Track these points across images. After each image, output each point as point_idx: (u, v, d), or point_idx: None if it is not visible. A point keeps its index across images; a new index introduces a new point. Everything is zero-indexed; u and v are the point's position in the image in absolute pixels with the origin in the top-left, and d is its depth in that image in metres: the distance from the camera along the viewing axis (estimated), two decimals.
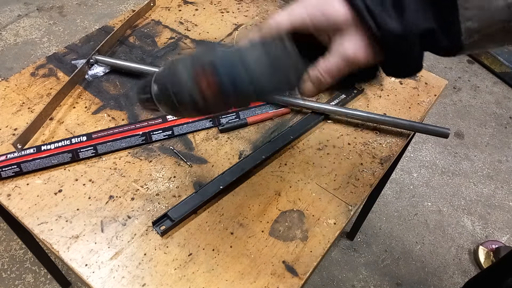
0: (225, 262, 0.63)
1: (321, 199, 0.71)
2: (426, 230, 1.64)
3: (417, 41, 0.36)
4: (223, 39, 1.00)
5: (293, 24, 0.38)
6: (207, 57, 0.39)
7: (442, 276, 1.52)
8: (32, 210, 0.66)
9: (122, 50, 0.95)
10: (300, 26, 0.38)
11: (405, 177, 1.80)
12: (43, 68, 0.89)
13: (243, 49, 0.39)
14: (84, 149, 0.72)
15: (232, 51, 0.39)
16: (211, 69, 0.38)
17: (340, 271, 1.51)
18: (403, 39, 0.35)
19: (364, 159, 0.78)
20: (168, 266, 0.62)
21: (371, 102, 0.89)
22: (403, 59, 0.37)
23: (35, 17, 2.39)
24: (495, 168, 1.87)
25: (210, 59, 0.38)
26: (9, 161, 0.69)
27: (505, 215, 1.71)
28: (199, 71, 0.38)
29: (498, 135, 2.01)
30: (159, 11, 1.06)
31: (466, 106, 2.14)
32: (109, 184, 0.70)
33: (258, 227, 0.67)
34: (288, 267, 0.63)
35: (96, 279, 0.60)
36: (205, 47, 0.38)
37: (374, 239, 1.60)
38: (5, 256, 1.46)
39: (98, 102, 0.83)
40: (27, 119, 0.79)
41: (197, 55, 0.40)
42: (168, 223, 0.65)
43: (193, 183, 0.72)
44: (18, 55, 2.17)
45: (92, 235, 0.64)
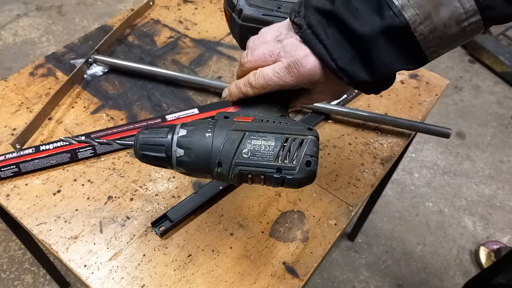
0: (225, 263, 0.62)
1: (322, 199, 0.71)
2: (427, 230, 1.63)
3: (388, 79, 0.43)
4: (222, 38, 0.99)
5: (283, 87, 0.44)
6: (254, 168, 0.43)
7: (443, 277, 1.51)
8: (31, 211, 0.66)
9: (121, 50, 0.94)
10: (287, 88, 0.45)
11: (406, 178, 1.80)
12: (42, 67, 0.89)
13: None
14: (83, 149, 0.72)
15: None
16: (262, 177, 0.44)
17: (341, 272, 1.50)
18: (373, 84, 0.42)
19: (365, 159, 0.77)
20: (168, 267, 0.61)
21: (372, 101, 0.88)
22: (375, 90, 0.44)
23: (34, 17, 2.39)
24: (496, 168, 1.86)
25: (259, 171, 0.43)
26: (7, 161, 0.69)
27: (506, 215, 1.70)
28: (247, 177, 0.44)
29: (500, 135, 2.00)
30: (158, 10, 1.05)
31: (467, 106, 2.13)
32: (108, 184, 0.70)
33: (258, 228, 0.66)
34: (288, 268, 0.62)
35: (95, 280, 0.59)
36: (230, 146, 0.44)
37: (375, 240, 1.59)
38: (4, 256, 1.46)
39: (97, 102, 0.83)
40: (25, 119, 0.78)
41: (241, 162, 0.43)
42: (168, 223, 0.65)
43: (192, 183, 0.71)
44: (17, 54, 2.17)
45: (91, 236, 0.64)
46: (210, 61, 0.94)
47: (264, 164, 0.43)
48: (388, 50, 0.39)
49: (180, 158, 0.44)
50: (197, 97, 0.85)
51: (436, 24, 0.38)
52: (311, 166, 0.42)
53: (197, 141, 0.43)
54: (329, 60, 0.40)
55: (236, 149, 0.43)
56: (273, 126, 0.45)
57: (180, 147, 0.43)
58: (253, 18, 0.51)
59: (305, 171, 0.42)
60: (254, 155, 0.43)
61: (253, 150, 0.43)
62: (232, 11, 0.52)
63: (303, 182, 0.43)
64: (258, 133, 0.43)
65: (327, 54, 0.40)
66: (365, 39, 0.39)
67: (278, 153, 0.43)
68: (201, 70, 0.91)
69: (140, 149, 0.45)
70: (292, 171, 0.42)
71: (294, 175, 0.42)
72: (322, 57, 0.41)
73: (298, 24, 0.42)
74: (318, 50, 0.41)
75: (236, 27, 0.53)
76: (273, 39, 0.45)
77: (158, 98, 0.84)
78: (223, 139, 0.43)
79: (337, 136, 0.81)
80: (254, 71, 0.45)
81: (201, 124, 0.45)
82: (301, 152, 0.43)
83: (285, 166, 0.42)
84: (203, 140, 0.43)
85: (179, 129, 0.44)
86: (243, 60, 0.47)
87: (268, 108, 0.48)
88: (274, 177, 0.43)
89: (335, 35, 0.40)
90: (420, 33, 0.38)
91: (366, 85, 0.42)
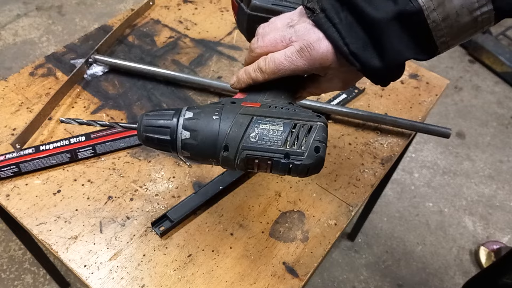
0: (224, 263, 0.62)
1: (322, 199, 0.71)
2: (427, 230, 1.63)
3: (398, 68, 0.43)
4: (222, 38, 0.99)
5: (294, 72, 0.44)
6: (261, 152, 0.43)
7: (443, 277, 1.51)
8: (31, 211, 0.66)
9: (121, 50, 0.94)
10: (298, 73, 0.45)
11: (406, 178, 1.80)
12: (42, 67, 0.89)
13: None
14: (83, 149, 0.72)
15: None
16: (270, 163, 0.43)
17: (341, 272, 1.50)
18: (385, 71, 0.42)
19: (365, 159, 0.77)
20: (168, 267, 0.61)
21: (372, 101, 0.88)
22: (386, 81, 0.44)
23: (34, 17, 2.38)
24: (496, 168, 1.86)
25: (266, 155, 0.43)
26: (7, 161, 0.69)
27: (506, 215, 1.70)
28: (254, 162, 0.43)
29: (500, 135, 2.00)
30: (158, 10, 1.05)
31: (467, 106, 2.13)
32: (108, 184, 0.70)
33: (258, 228, 0.66)
34: (288, 268, 0.62)
35: (95, 280, 0.59)
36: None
37: (375, 240, 1.59)
38: (4, 256, 1.46)
39: (97, 102, 0.83)
40: (25, 119, 0.78)
41: (248, 146, 0.43)
42: (168, 223, 0.65)
43: (192, 183, 0.71)
44: (17, 54, 2.17)
45: (91, 236, 0.64)
46: (210, 61, 0.94)
47: (272, 148, 0.42)
48: (400, 37, 0.39)
49: (185, 140, 0.43)
50: (197, 97, 0.85)
51: (449, 12, 0.38)
52: (319, 152, 0.42)
53: (204, 124, 0.42)
54: (342, 45, 0.40)
55: (243, 133, 0.42)
56: (281, 111, 0.44)
57: (186, 129, 0.43)
58: (262, 7, 0.51)
59: (314, 157, 0.42)
60: (262, 139, 0.42)
61: (261, 134, 0.42)
62: (240, 1, 0.52)
63: (310, 169, 0.42)
64: (266, 118, 0.43)
65: (340, 39, 0.40)
66: (378, 24, 0.39)
67: (286, 138, 0.42)
68: (201, 70, 0.91)
69: (144, 131, 0.44)
70: (300, 156, 0.41)
71: (302, 161, 0.41)
72: (335, 41, 0.41)
73: (311, 9, 0.42)
74: (331, 34, 0.41)
75: (244, 18, 0.53)
76: (285, 25, 0.45)
77: (158, 98, 0.84)
78: (230, 122, 0.42)
79: (337, 136, 0.81)
80: (265, 57, 0.45)
81: (207, 108, 0.44)
82: (310, 137, 0.42)
83: (293, 152, 0.41)
84: (210, 123, 0.42)
85: (185, 112, 0.44)
86: (253, 46, 0.47)
87: (276, 95, 0.47)
88: (282, 162, 0.42)
89: (348, 20, 0.40)
90: (433, 20, 0.38)
91: (376, 72, 0.42)
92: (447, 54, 2.39)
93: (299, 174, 0.43)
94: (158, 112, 0.44)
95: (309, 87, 0.50)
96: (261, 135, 0.42)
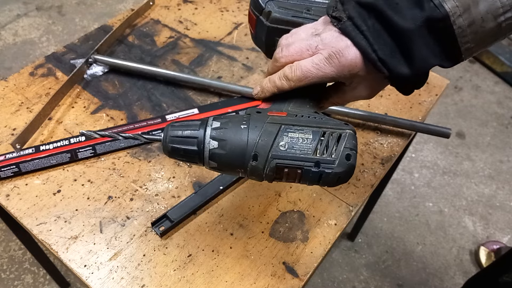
0: (225, 263, 0.62)
1: (322, 199, 0.71)
2: (427, 230, 1.63)
3: (424, 75, 0.43)
4: (222, 38, 0.99)
5: (322, 79, 0.44)
6: (291, 161, 0.42)
7: (443, 277, 1.51)
8: (31, 211, 0.66)
9: (121, 50, 0.94)
10: (326, 80, 0.44)
11: (406, 178, 1.80)
12: (42, 67, 0.89)
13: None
14: (83, 149, 0.72)
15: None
16: (300, 172, 0.43)
17: (341, 272, 1.50)
18: (413, 79, 0.42)
19: (365, 159, 0.77)
20: (168, 267, 0.61)
21: (372, 101, 0.88)
22: (411, 88, 0.45)
23: (34, 17, 2.38)
24: (496, 168, 1.86)
25: (296, 164, 0.42)
26: (7, 161, 0.69)
27: (506, 215, 1.70)
28: (283, 171, 0.43)
29: (500, 135, 2.00)
30: (158, 10, 1.05)
31: (467, 106, 2.13)
32: (108, 184, 0.70)
33: (258, 228, 0.66)
34: (288, 268, 0.62)
35: (95, 280, 0.59)
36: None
37: (375, 240, 1.59)
38: (4, 256, 1.46)
39: (97, 102, 0.83)
40: (25, 119, 0.78)
41: (277, 155, 0.42)
42: (168, 223, 0.65)
43: (192, 183, 0.71)
44: (17, 54, 2.16)
45: (91, 236, 0.64)
46: (210, 61, 0.94)
47: (302, 157, 0.41)
48: (427, 44, 0.40)
49: (213, 150, 0.42)
50: (197, 97, 0.85)
51: (474, 17, 0.38)
52: (350, 160, 0.41)
53: (232, 133, 0.42)
54: (370, 52, 0.41)
55: (273, 142, 0.41)
56: (308, 120, 0.43)
57: (214, 139, 0.42)
58: (282, 20, 0.50)
59: (345, 165, 0.41)
60: (291, 147, 0.41)
61: (290, 142, 0.41)
62: (259, 14, 0.52)
63: (341, 178, 0.42)
64: (295, 127, 0.42)
65: (368, 45, 0.41)
66: (405, 32, 0.39)
67: (316, 146, 0.41)
68: (201, 70, 0.91)
69: (170, 142, 0.43)
70: (331, 164, 0.41)
71: (333, 169, 0.41)
72: (363, 48, 0.41)
73: (337, 17, 0.42)
74: (359, 41, 0.41)
75: (263, 30, 0.52)
76: (309, 34, 0.45)
77: (158, 98, 0.84)
78: (259, 131, 0.42)
79: None
80: (290, 65, 0.45)
81: (234, 117, 0.44)
82: (340, 145, 0.41)
83: (323, 160, 0.41)
84: (238, 132, 0.42)
85: (212, 121, 0.43)
86: (277, 55, 0.47)
87: (301, 104, 0.47)
88: (312, 171, 0.41)
89: (376, 27, 0.40)
90: (459, 26, 0.39)
91: (403, 79, 0.42)
92: None
93: (329, 183, 0.42)
94: (183, 122, 0.44)
95: (332, 97, 0.50)
96: (291, 144, 0.41)
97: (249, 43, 0.98)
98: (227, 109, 0.80)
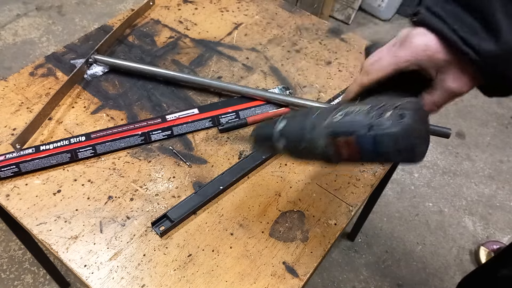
0: (225, 263, 0.62)
1: (322, 199, 0.71)
2: (427, 230, 1.63)
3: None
4: (222, 38, 0.99)
5: (397, 65, 0.42)
6: (344, 128, 0.42)
7: (443, 277, 1.51)
8: (31, 211, 0.66)
9: (121, 50, 0.94)
10: (405, 67, 0.43)
11: (406, 177, 1.80)
12: (42, 67, 0.89)
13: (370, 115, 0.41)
14: (83, 149, 0.72)
15: (357, 119, 0.41)
16: (354, 140, 0.41)
17: (341, 272, 1.50)
18: (501, 57, 0.38)
19: None
20: (168, 267, 0.61)
21: None
22: (503, 77, 0.40)
23: (34, 17, 2.38)
24: (496, 168, 1.86)
25: (348, 130, 0.41)
26: (7, 161, 0.69)
27: (506, 215, 1.70)
28: (340, 142, 0.42)
29: (500, 135, 2.00)
30: (159, 10, 1.05)
31: (467, 106, 2.13)
32: (108, 184, 0.70)
33: (258, 228, 0.66)
34: (288, 268, 0.62)
35: (95, 280, 0.59)
36: (329, 110, 0.44)
37: (375, 239, 1.59)
38: (4, 256, 1.46)
39: (97, 102, 0.83)
40: (25, 119, 0.78)
41: (331, 124, 0.43)
42: (168, 223, 0.65)
43: (192, 183, 0.71)
44: (17, 54, 2.17)
45: (91, 236, 0.64)
46: (210, 61, 0.94)
47: (355, 123, 0.40)
48: (510, 14, 0.37)
49: (284, 145, 0.47)
50: (197, 97, 0.85)
51: None
52: (405, 118, 0.38)
53: (300, 117, 0.46)
54: (448, 31, 0.39)
55: (330, 114, 0.43)
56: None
57: (283, 136, 0.48)
58: None
59: (399, 124, 0.38)
60: (345, 117, 0.41)
61: (345, 114, 0.41)
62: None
63: (399, 141, 0.38)
64: (356, 105, 0.42)
65: (446, 26, 0.39)
66: (486, 6, 0.37)
67: (370, 112, 0.40)
68: (201, 70, 0.91)
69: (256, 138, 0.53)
70: (384, 125, 0.38)
71: (386, 129, 0.38)
72: (440, 29, 0.39)
73: (415, 13, 0.42)
74: (434, 24, 0.40)
75: None
76: (390, 45, 0.45)
77: (158, 98, 0.84)
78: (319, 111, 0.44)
79: None
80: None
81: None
82: (397, 109, 0.39)
83: (377, 122, 0.39)
84: (304, 116, 0.46)
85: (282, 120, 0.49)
86: (364, 63, 0.47)
87: None
88: (366, 135, 0.39)
89: (455, 11, 0.39)
90: None
91: (491, 57, 0.38)
92: None
93: (388, 152, 0.39)
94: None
95: (424, 96, 0.46)
96: (346, 114, 0.41)
97: (249, 43, 0.98)
98: (227, 109, 0.80)
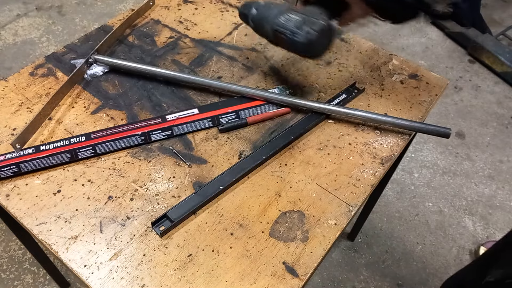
0: (225, 263, 0.62)
1: (322, 199, 0.71)
2: (427, 230, 1.63)
3: None
4: (222, 38, 0.99)
5: None
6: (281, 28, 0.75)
7: (443, 276, 1.51)
8: (31, 211, 0.66)
9: (121, 50, 0.94)
10: None
11: (406, 178, 1.80)
12: (42, 67, 0.89)
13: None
14: (83, 149, 0.72)
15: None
16: (284, 37, 0.75)
17: (341, 272, 1.50)
18: None
19: (365, 159, 0.77)
20: (168, 267, 0.61)
21: (372, 102, 0.88)
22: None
23: (34, 17, 2.39)
24: (496, 168, 1.86)
25: (282, 30, 0.75)
26: (7, 161, 0.69)
27: (506, 215, 1.70)
28: (277, 34, 0.76)
29: (500, 135, 2.00)
30: (159, 10, 1.05)
31: (467, 106, 2.13)
32: (108, 184, 0.70)
33: (258, 228, 0.66)
34: (288, 268, 0.62)
35: (95, 280, 0.59)
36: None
37: (375, 239, 1.59)
38: (4, 256, 1.46)
39: (97, 102, 0.83)
40: (26, 119, 0.78)
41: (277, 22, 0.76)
42: (168, 223, 0.65)
43: (192, 183, 0.71)
44: (17, 54, 2.17)
45: (91, 236, 0.64)
46: (210, 61, 0.94)
47: (288, 26, 0.73)
48: None
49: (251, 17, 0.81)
50: (197, 97, 0.85)
51: None
52: (311, 34, 0.72)
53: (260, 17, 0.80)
54: None
55: (282, 14, 0.75)
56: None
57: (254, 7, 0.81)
58: None
59: (307, 36, 0.73)
60: (288, 20, 0.74)
61: (289, 18, 0.74)
62: None
63: (306, 46, 0.73)
64: (299, 13, 0.74)
65: None
66: None
67: (297, 21, 0.73)
68: (201, 70, 0.91)
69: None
70: (299, 34, 0.72)
71: (300, 37, 0.73)
72: None
73: None
74: None
75: None
76: None
77: (158, 98, 0.84)
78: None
79: (337, 136, 0.81)
80: None
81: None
82: (313, 25, 0.73)
83: (297, 31, 0.72)
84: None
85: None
86: None
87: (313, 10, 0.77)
88: (289, 37, 0.73)
89: None
90: None
91: None
92: (447, 54, 2.39)
93: (299, 51, 0.78)
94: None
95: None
96: (288, 19, 0.74)
97: (249, 43, 0.98)
98: (227, 109, 0.80)
